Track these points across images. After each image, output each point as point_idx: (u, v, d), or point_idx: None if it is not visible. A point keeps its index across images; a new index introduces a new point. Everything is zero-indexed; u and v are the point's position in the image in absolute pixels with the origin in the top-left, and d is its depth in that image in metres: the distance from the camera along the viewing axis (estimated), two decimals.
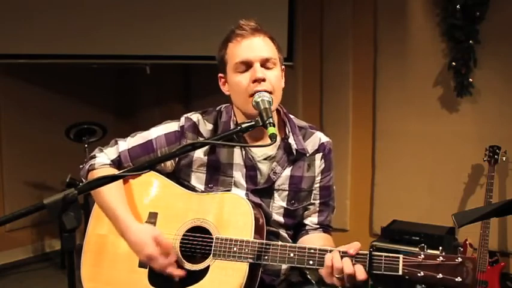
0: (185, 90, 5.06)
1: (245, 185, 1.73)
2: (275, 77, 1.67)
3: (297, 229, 1.84)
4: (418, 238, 3.30)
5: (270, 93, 1.62)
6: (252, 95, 1.61)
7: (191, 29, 4.18)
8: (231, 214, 1.64)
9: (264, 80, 1.63)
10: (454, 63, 3.57)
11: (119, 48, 4.26)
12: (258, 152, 1.74)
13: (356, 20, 4.09)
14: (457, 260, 1.37)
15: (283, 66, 1.75)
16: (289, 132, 1.76)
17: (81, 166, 1.84)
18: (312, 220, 1.82)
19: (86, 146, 4.12)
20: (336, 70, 4.17)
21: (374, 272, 1.43)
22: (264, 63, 1.66)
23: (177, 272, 1.61)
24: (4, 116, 4.38)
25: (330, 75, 4.22)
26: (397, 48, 3.88)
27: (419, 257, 1.40)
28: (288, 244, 1.57)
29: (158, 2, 4.25)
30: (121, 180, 1.74)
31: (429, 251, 1.42)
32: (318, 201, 1.81)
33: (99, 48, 4.23)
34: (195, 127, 1.77)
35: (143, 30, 4.19)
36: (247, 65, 1.66)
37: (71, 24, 4.11)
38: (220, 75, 1.76)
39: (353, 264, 1.43)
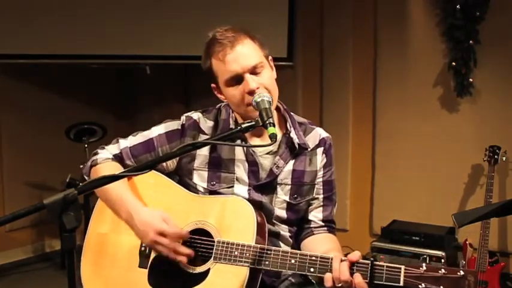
0: (185, 90, 5.06)
1: (247, 181, 1.73)
2: (268, 79, 1.67)
3: (301, 227, 1.84)
4: (418, 238, 3.30)
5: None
6: (250, 104, 1.61)
7: (191, 29, 4.17)
8: (232, 217, 1.63)
9: (258, 88, 1.63)
10: (454, 63, 3.58)
11: (119, 48, 4.25)
12: (260, 147, 1.76)
13: (356, 20, 4.08)
14: (459, 273, 1.36)
15: (270, 57, 1.74)
16: (290, 127, 1.78)
17: (81, 166, 1.84)
18: (316, 215, 1.83)
19: (86, 146, 4.12)
20: (336, 70, 4.17)
21: (375, 282, 1.43)
22: (253, 71, 1.65)
23: (186, 251, 1.61)
24: (4, 116, 4.37)
25: (330, 76, 4.21)
26: (397, 48, 3.88)
27: (421, 268, 1.39)
28: (290, 250, 1.57)
29: (158, 2, 4.25)
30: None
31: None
32: (321, 196, 1.83)
33: (99, 48, 4.22)
34: (196, 125, 1.78)
35: (143, 30, 4.19)
36: (238, 78, 1.65)
37: (71, 24, 4.11)
38: (213, 85, 1.76)
39: (351, 274, 1.44)
